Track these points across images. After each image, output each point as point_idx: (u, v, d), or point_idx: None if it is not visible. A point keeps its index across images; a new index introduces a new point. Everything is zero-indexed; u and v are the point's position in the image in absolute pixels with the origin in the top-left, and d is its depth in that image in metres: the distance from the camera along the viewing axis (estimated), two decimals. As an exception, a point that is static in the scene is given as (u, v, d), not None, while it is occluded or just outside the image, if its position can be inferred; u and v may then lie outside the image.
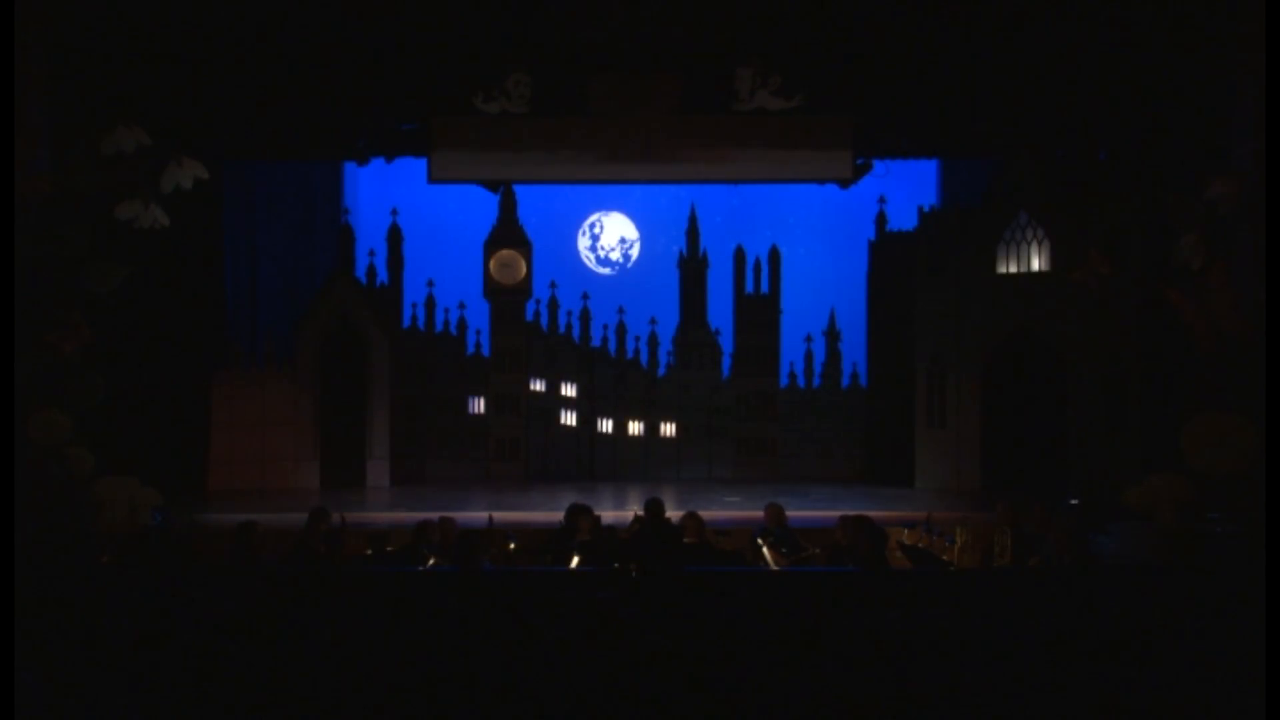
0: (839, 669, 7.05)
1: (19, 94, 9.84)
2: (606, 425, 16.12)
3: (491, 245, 15.86)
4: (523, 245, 15.86)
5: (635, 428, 16.12)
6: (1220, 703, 6.82)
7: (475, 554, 8.38)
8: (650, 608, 7.28)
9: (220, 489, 14.08)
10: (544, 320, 16.17)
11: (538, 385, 16.06)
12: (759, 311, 15.92)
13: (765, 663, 7.08)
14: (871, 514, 10.52)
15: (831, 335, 16.01)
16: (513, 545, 9.92)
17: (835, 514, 10.44)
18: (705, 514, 10.40)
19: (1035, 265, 14.34)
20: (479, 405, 15.97)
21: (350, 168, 15.98)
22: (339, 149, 14.09)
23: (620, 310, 16.22)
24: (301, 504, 11.50)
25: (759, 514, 10.62)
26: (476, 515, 10.78)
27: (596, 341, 16.23)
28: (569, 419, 16.11)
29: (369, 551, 9.67)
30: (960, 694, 7.00)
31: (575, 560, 9.09)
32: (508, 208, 15.84)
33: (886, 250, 15.57)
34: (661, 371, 16.22)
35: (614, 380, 16.17)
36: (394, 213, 15.92)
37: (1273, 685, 6.28)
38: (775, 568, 9.32)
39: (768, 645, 7.13)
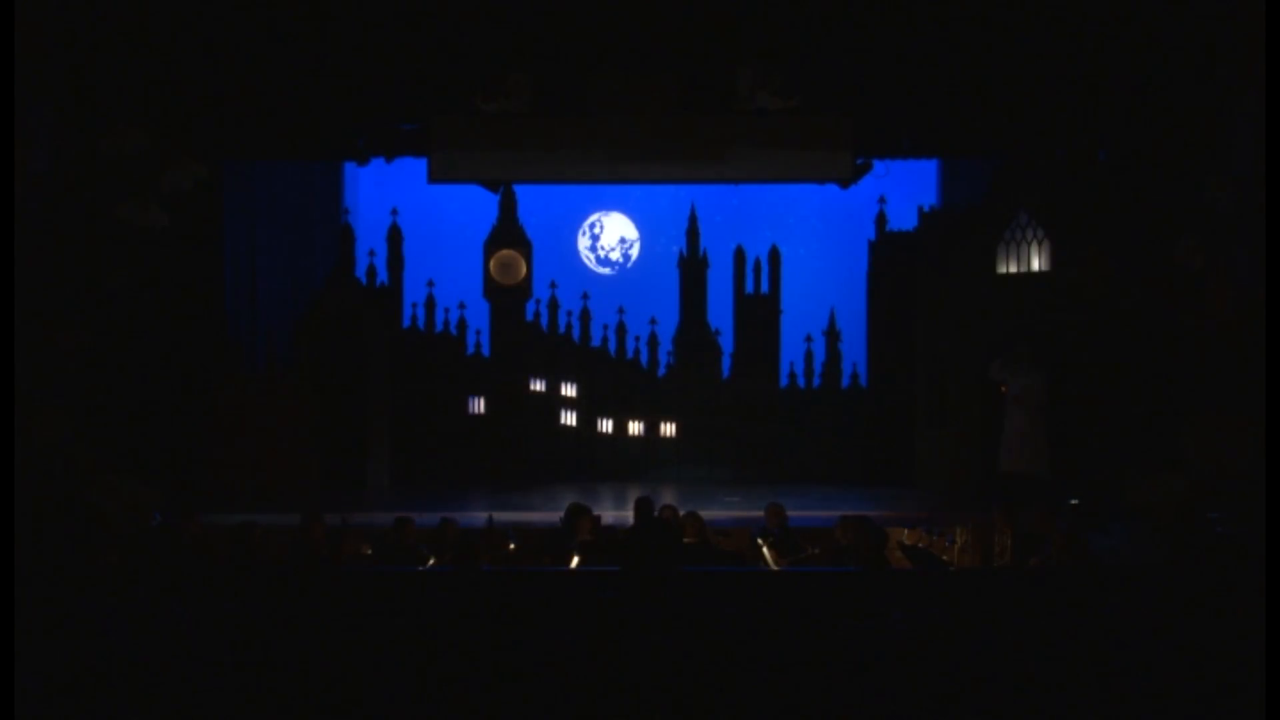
0: (839, 669, 7.05)
1: (19, 94, 9.84)
2: (606, 425, 16.12)
3: (491, 245, 15.85)
4: (523, 245, 15.85)
5: (635, 428, 16.12)
6: (1220, 703, 6.82)
7: (475, 554, 8.39)
8: (650, 608, 7.28)
9: (220, 489, 14.06)
10: (544, 320, 16.17)
11: (538, 385, 16.06)
12: (759, 311, 15.91)
13: (765, 663, 7.07)
14: (871, 514, 10.53)
15: (831, 335, 16.01)
16: (513, 545, 9.92)
17: (835, 514, 10.43)
18: (705, 514, 10.39)
19: (1035, 265, 14.33)
20: (479, 405, 15.96)
21: (350, 168, 15.97)
22: (339, 149, 14.08)
23: (620, 310, 16.22)
24: (301, 504, 11.49)
25: (759, 514, 10.61)
26: (476, 515, 10.78)
27: (596, 341, 16.23)
28: (569, 419, 16.11)
29: (369, 551, 9.67)
30: (960, 694, 6.99)
31: (575, 560, 9.09)
32: (508, 208, 15.84)
33: (886, 250, 15.57)
34: (661, 371, 16.22)
35: (614, 380, 16.17)
36: (394, 213, 15.92)
37: (1273, 685, 6.28)
38: (775, 568, 9.32)
39: (768, 645, 7.13)
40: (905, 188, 15.21)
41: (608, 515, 10.97)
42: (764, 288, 15.92)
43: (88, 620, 7.21)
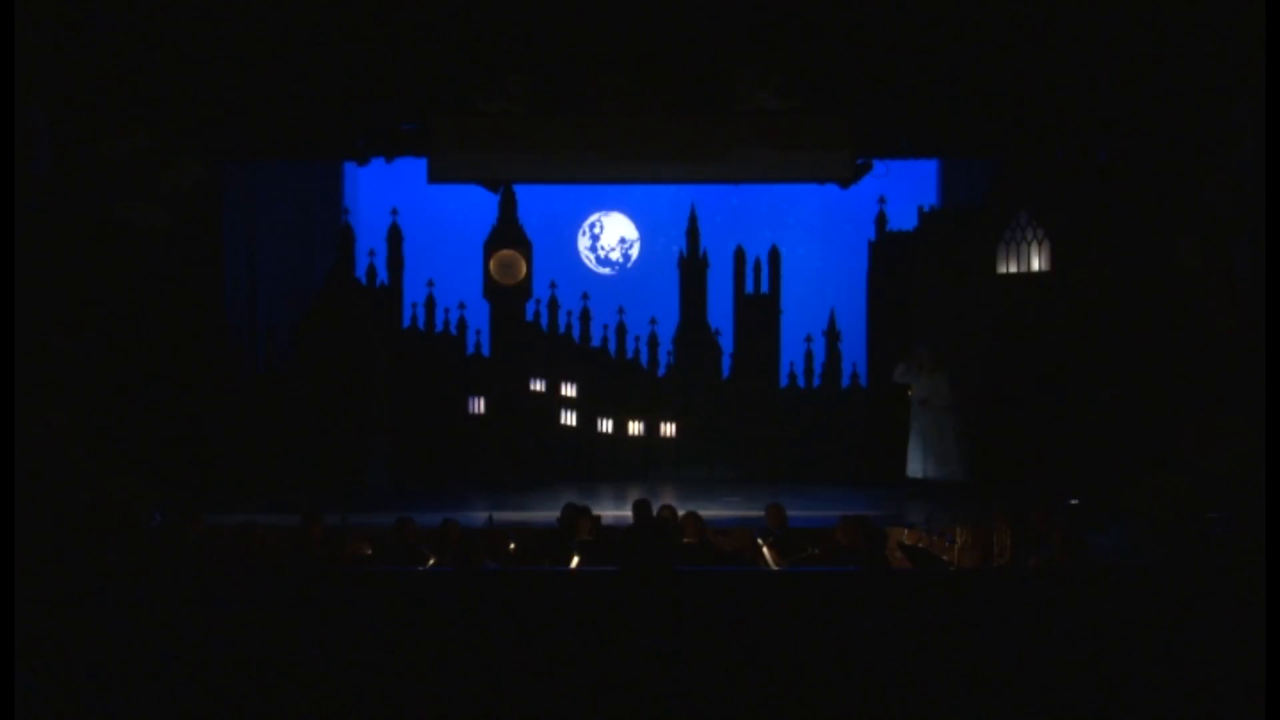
0: (839, 669, 7.05)
1: (19, 94, 9.83)
2: (606, 425, 16.11)
3: (491, 245, 15.84)
4: (523, 245, 15.83)
5: (635, 428, 16.11)
6: (1220, 703, 6.82)
7: (475, 554, 8.39)
8: (650, 608, 7.28)
9: (220, 489, 14.05)
10: (544, 320, 16.16)
11: (538, 385, 16.05)
12: (759, 311, 15.90)
13: (765, 663, 7.08)
14: (871, 514, 10.53)
15: (831, 335, 16.00)
16: (513, 545, 9.91)
17: (835, 514, 10.42)
18: (705, 514, 10.38)
19: (1035, 265, 14.33)
20: (479, 405, 15.96)
21: (350, 168, 15.97)
22: (339, 149, 14.08)
23: (620, 310, 16.21)
24: (301, 504, 11.48)
25: (759, 514, 10.61)
26: (477, 515, 10.78)
27: (596, 341, 16.22)
28: (569, 419, 16.11)
29: (369, 551, 9.67)
30: (961, 694, 7.00)
31: (575, 560, 9.09)
32: (508, 208, 15.83)
33: (886, 250, 15.55)
34: (661, 371, 16.22)
35: (614, 380, 16.16)
36: (394, 213, 15.90)
37: (1273, 685, 6.28)
38: (775, 568, 9.32)
39: (768, 645, 7.14)
40: (905, 188, 15.20)
41: (608, 515, 10.96)
42: (764, 288, 15.91)
43: (88, 620, 7.21)
